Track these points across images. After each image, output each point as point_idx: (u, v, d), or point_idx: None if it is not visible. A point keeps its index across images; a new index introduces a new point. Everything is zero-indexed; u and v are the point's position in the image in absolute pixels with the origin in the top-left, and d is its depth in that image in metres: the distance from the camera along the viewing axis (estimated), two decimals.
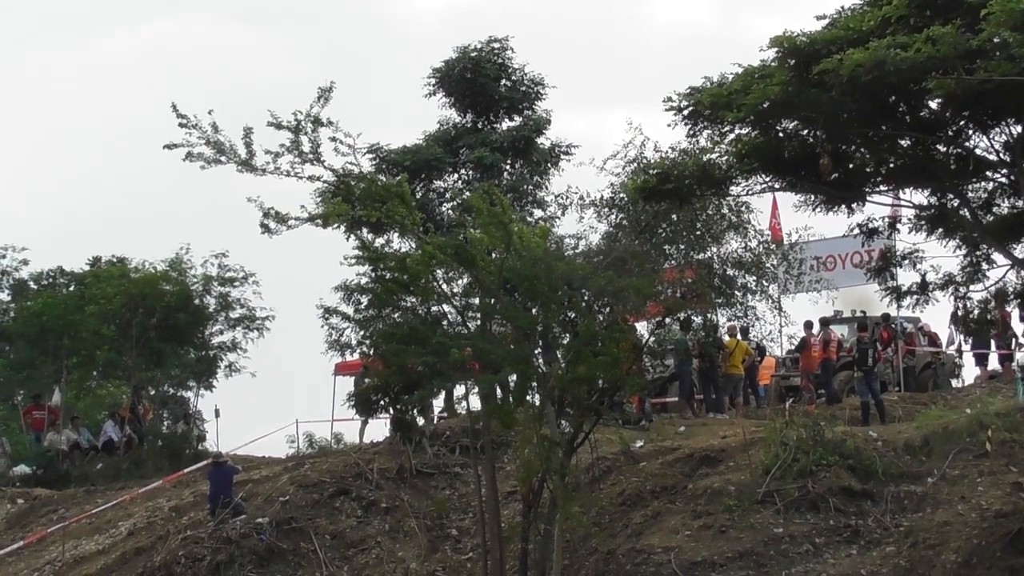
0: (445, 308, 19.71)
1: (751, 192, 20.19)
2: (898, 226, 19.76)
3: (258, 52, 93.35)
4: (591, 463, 22.00)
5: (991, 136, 17.87)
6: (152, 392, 35.83)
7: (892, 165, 18.58)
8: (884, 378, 26.71)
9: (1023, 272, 18.97)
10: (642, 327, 21.88)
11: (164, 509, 25.03)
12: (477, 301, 19.48)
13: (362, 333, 21.71)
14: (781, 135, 18.40)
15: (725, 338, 26.67)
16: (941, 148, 18.25)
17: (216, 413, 31.65)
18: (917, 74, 15.91)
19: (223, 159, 18.30)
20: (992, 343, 26.94)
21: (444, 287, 19.45)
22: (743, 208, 24.95)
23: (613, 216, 24.91)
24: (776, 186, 19.82)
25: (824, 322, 27.06)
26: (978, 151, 18.07)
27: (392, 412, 20.95)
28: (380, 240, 22.66)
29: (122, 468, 30.38)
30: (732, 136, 18.58)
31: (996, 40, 15.51)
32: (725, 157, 18.81)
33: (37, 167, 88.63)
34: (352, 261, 19.88)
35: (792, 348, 28.28)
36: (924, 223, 19.18)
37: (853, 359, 25.06)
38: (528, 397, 18.84)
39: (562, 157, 28.81)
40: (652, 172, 20.39)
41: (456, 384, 20.41)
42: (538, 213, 28.01)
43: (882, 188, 19.25)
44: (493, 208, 18.60)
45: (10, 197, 78.44)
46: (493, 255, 18.91)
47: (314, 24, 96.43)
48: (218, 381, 34.83)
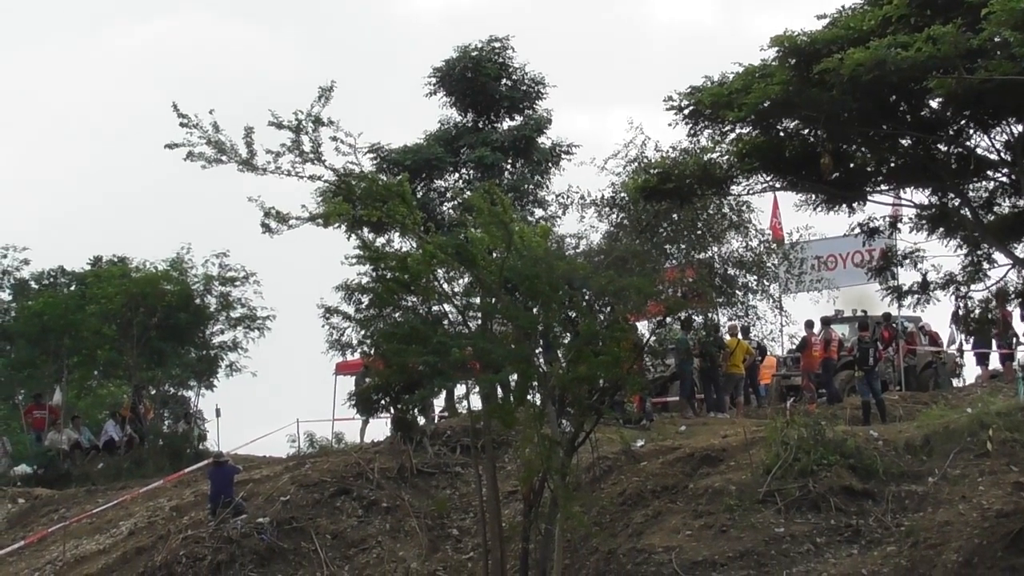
0: (446, 307, 19.75)
1: (752, 191, 20.24)
2: (899, 225, 19.75)
3: (259, 51, 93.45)
4: (592, 462, 21.98)
5: (992, 135, 17.85)
6: (153, 392, 35.84)
7: (893, 164, 18.57)
8: (885, 377, 26.70)
9: None
10: (643, 326, 21.87)
11: (165, 509, 25.03)
12: (478, 300, 19.47)
13: (363, 333, 21.68)
14: (782, 134, 18.39)
15: (726, 337, 26.68)
16: (942, 147, 18.22)
17: (217, 413, 31.68)
18: (918, 73, 15.90)
19: (224, 158, 18.30)
20: (993, 342, 26.94)
21: (445, 286, 19.45)
22: (744, 207, 25.04)
23: (614, 215, 24.99)
24: (777, 185, 19.82)
25: (825, 321, 27.06)
26: (979, 150, 18.06)
27: (393, 411, 20.95)
28: (381, 240, 22.64)
29: (123, 468, 30.39)
30: (733, 135, 18.58)
31: (997, 39, 15.49)
32: (726, 156, 18.80)
33: (38, 166, 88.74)
34: (353, 261, 19.90)
35: (793, 347, 28.29)
36: (925, 222, 19.16)
37: (854, 358, 25.04)
38: (529, 396, 18.83)
39: (563, 156, 28.78)
40: (653, 171, 20.40)
41: (457, 383, 20.39)
42: (539, 212, 27.98)
43: (883, 187, 19.24)
44: (494, 207, 18.58)
45: (11, 197, 78.50)
46: (494, 254, 18.90)
47: (314, 23, 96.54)
48: (219, 381, 34.88)
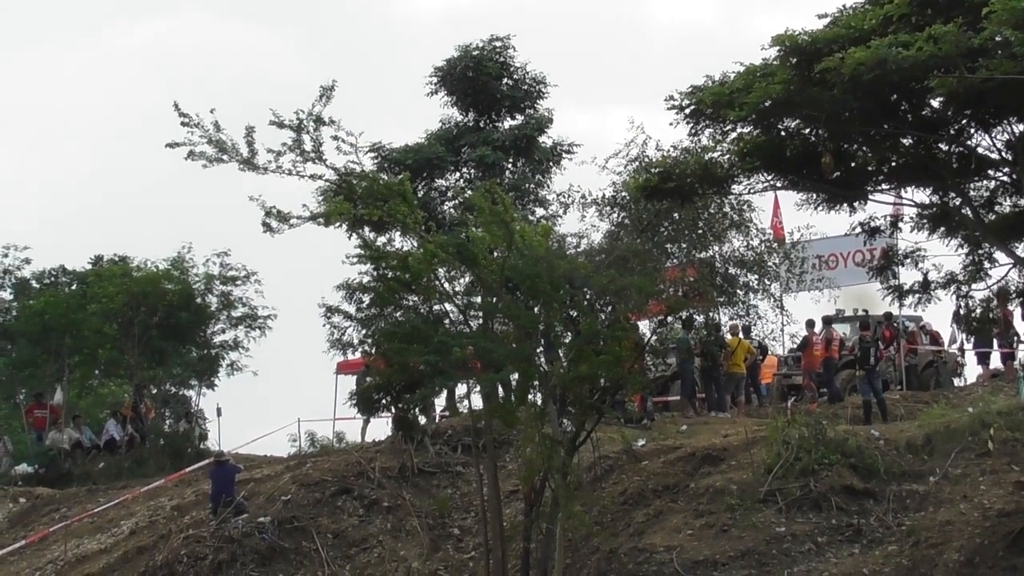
0: (447, 307, 19.74)
1: (753, 191, 20.23)
2: (900, 225, 19.75)
3: (259, 51, 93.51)
4: (593, 462, 21.98)
5: (993, 135, 17.83)
6: (154, 391, 35.91)
7: (894, 164, 18.56)
8: (886, 377, 26.70)
9: None
10: (644, 326, 21.86)
11: (166, 508, 25.05)
12: (479, 300, 19.47)
13: (364, 332, 21.72)
14: (783, 134, 18.38)
15: (727, 337, 26.69)
16: (943, 147, 18.21)
17: (218, 412, 31.75)
18: (919, 73, 15.88)
19: (225, 158, 18.28)
20: (994, 342, 26.94)
21: (446, 286, 19.45)
22: (745, 207, 25.01)
23: (615, 215, 24.96)
24: (778, 185, 19.81)
25: (826, 321, 27.05)
26: (980, 150, 18.05)
27: (394, 411, 20.95)
28: (382, 239, 22.69)
29: (124, 467, 30.43)
30: (734, 135, 18.57)
31: (998, 38, 15.47)
32: (727, 156, 18.80)
33: (38, 166, 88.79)
34: (354, 260, 19.88)
35: (794, 347, 28.29)
36: (926, 222, 19.16)
37: (855, 358, 25.03)
38: (530, 396, 18.83)
39: (564, 156, 28.76)
40: (654, 171, 20.39)
41: (458, 383, 20.38)
42: (540, 212, 27.96)
43: (884, 187, 19.23)
44: (495, 207, 18.58)
45: (11, 196, 78.55)
46: (495, 254, 18.89)
47: (315, 23, 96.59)
48: (220, 380, 34.99)
